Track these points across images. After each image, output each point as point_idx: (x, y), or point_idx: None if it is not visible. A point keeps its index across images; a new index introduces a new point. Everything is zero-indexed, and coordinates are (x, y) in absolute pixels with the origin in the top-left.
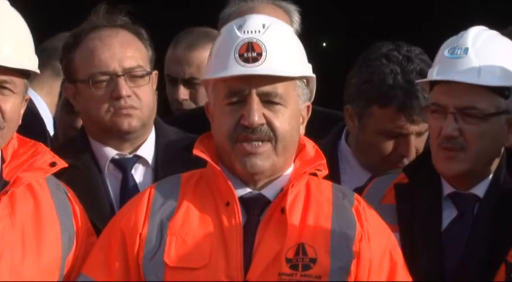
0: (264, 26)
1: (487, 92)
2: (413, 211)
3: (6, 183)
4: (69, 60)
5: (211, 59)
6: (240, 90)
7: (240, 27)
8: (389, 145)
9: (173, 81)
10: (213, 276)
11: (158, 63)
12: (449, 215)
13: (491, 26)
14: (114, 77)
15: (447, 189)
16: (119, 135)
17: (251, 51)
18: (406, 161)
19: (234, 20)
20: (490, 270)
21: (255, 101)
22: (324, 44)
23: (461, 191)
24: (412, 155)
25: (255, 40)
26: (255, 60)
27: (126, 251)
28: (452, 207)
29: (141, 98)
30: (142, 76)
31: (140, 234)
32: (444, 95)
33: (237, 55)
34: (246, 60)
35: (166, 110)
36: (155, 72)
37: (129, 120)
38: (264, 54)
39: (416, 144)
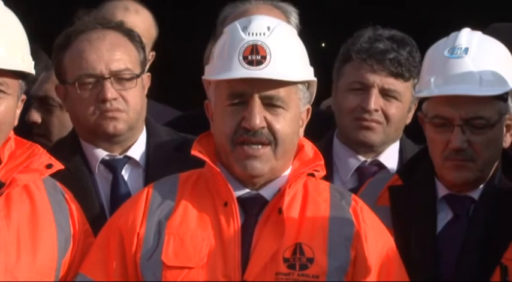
0: (269, 28)
1: (490, 99)
2: (407, 213)
3: (2, 185)
4: (60, 60)
5: (214, 59)
6: (242, 93)
7: (244, 29)
8: (354, 100)
9: None
10: (211, 276)
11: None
12: (444, 217)
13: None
14: (100, 79)
15: (442, 191)
16: (105, 138)
17: (255, 54)
18: (367, 117)
19: (238, 20)
20: (485, 273)
21: (257, 104)
22: (323, 45)
23: (456, 193)
24: (370, 108)
25: (259, 43)
26: (259, 63)
27: (124, 251)
28: (447, 209)
29: (128, 101)
30: (129, 79)
31: (138, 233)
32: (447, 106)
33: (241, 57)
34: (250, 63)
35: None
36: (147, 74)
37: (114, 123)
38: (268, 57)
39: (385, 106)
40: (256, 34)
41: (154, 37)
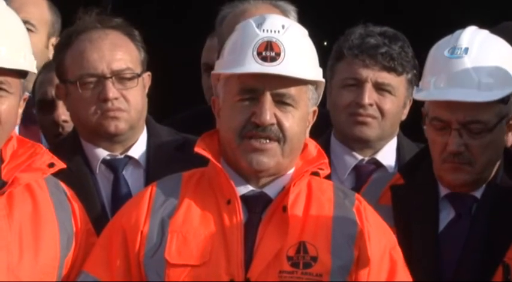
0: (283, 26)
1: (489, 102)
2: (410, 213)
3: (4, 184)
4: (61, 60)
5: (225, 55)
6: (254, 88)
7: (259, 25)
8: (349, 96)
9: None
10: (214, 274)
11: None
12: (446, 216)
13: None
14: (101, 79)
15: (444, 190)
16: (107, 137)
17: (270, 50)
18: (362, 112)
19: (252, 18)
20: (487, 272)
21: (269, 100)
22: (325, 43)
23: (458, 192)
24: (365, 102)
25: (274, 40)
26: (273, 59)
27: (127, 249)
28: (450, 208)
29: (129, 101)
30: (131, 78)
31: (141, 231)
32: (445, 109)
33: (255, 53)
34: (264, 59)
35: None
36: (148, 73)
37: (116, 123)
38: (282, 54)
39: (379, 101)
40: (271, 31)
41: (49, 21)
